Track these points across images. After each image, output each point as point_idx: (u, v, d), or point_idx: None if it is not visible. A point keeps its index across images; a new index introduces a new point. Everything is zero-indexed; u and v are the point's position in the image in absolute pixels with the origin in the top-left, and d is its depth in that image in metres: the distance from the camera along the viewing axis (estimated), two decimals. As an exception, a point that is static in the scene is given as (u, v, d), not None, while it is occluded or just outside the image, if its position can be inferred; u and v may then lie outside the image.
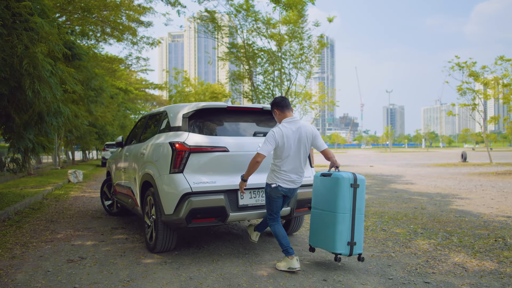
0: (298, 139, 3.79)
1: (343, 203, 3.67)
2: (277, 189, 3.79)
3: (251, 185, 4.18)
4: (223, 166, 4.12)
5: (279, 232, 3.84)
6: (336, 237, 3.69)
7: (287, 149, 3.74)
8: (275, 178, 3.81)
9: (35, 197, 8.61)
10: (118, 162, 6.29)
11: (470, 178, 13.98)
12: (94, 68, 16.58)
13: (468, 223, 5.88)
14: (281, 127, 3.77)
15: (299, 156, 3.82)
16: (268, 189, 3.84)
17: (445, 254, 4.25)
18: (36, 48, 5.77)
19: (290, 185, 3.83)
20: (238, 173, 4.15)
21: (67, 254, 4.37)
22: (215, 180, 4.04)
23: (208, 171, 4.05)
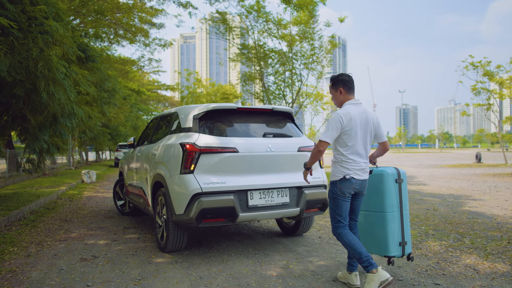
0: (366, 124, 3.30)
1: (391, 201, 3.45)
2: (351, 182, 3.22)
3: (261, 186, 4.20)
4: (232, 166, 4.15)
5: (353, 240, 3.21)
6: (388, 238, 3.44)
7: (354, 135, 3.23)
8: (345, 170, 3.24)
9: (50, 197, 8.77)
10: (130, 162, 6.38)
11: (484, 179, 13.77)
12: (107, 69, 16.81)
13: (480, 224, 5.81)
14: (348, 109, 3.25)
15: (365, 143, 3.32)
16: (338, 185, 3.25)
17: (456, 256, 4.21)
18: (51, 51, 5.90)
19: (362, 175, 3.27)
20: (247, 173, 4.18)
21: (81, 253, 4.45)
22: (224, 180, 4.07)
23: (218, 171, 4.09)
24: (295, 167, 4.48)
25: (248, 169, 4.21)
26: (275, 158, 4.38)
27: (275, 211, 4.29)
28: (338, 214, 3.29)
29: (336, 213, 3.30)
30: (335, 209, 3.31)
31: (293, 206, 4.38)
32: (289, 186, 4.40)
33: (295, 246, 4.74)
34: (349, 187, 3.23)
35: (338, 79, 3.38)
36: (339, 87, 3.36)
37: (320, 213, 4.71)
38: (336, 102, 3.44)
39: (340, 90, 3.35)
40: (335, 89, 3.39)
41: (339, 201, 3.27)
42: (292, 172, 4.46)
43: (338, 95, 3.38)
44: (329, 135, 3.17)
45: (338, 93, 3.37)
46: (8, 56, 5.69)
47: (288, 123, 4.90)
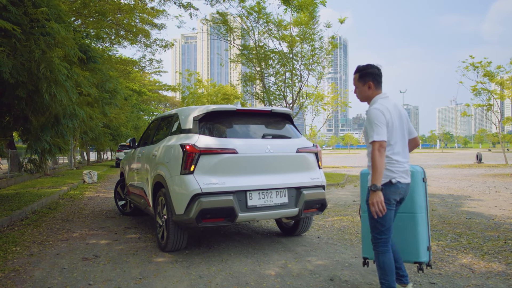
0: (401, 119, 2.94)
1: (419, 201, 3.17)
2: (397, 186, 2.82)
3: (260, 187, 4.26)
4: (232, 167, 4.21)
5: (388, 264, 2.84)
6: (419, 242, 3.15)
7: (395, 132, 2.86)
8: (390, 173, 2.82)
9: (52, 197, 8.85)
10: (131, 163, 6.45)
11: (484, 180, 13.81)
12: (108, 70, 16.86)
13: (478, 225, 5.86)
14: (384, 104, 2.87)
15: (404, 139, 2.96)
16: (384, 191, 2.78)
17: (453, 256, 4.26)
18: (53, 53, 5.97)
19: (407, 178, 2.90)
20: (246, 174, 4.24)
21: (82, 252, 4.52)
22: (224, 181, 4.13)
23: (217, 172, 4.15)
24: (294, 168, 4.55)
25: (247, 170, 4.27)
26: (274, 159, 4.44)
27: (274, 211, 4.35)
28: (381, 225, 2.83)
29: (379, 223, 2.83)
30: (378, 219, 2.81)
31: (292, 206, 4.44)
32: (288, 187, 4.46)
33: (294, 246, 4.80)
34: (395, 193, 2.83)
35: (368, 71, 2.97)
36: (368, 81, 2.97)
37: (318, 213, 4.76)
38: (361, 96, 3.03)
39: (369, 84, 2.96)
40: (363, 82, 2.98)
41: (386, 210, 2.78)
42: (291, 173, 4.53)
43: (365, 89, 2.98)
44: (381, 132, 2.72)
45: (366, 87, 2.98)
46: (11, 58, 5.76)
47: (287, 124, 4.96)
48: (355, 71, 3.06)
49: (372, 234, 2.90)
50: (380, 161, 2.68)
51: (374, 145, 2.70)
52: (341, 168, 22.62)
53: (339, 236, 5.32)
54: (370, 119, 2.80)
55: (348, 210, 7.40)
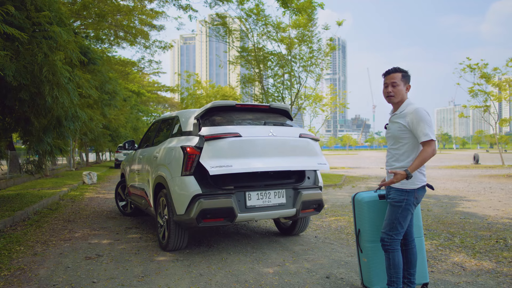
0: None
1: (421, 223, 3.28)
2: (425, 190, 2.98)
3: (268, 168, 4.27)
4: (237, 150, 4.22)
5: (401, 262, 2.96)
6: (425, 264, 3.25)
7: None
8: (423, 177, 2.93)
9: (52, 198, 8.95)
10: (132, 164, 6.56)
11: (480, 181, 13.96)
12: (108, 71, 16.98)
13: (472, 224, 5.99)
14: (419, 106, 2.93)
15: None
16: (416, 194, 2.90)
17: (445, 254, 4.39)
18: (55, 56, 6.08)
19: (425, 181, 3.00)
20: (253, 156, 4.26)
21: (85, 252, 4.63)
22: (231, 163, 4.12)
23: (223, 155, 4.15)
24: (299, 152, 4.60)
25: (253, 152, 4.27)
26: (278, 142, 4.46)
27: (272, 212, 4.47)
28: (402, 227, 2.92)
29: (401, 225, 2.91)
30: (401, 220, 2.89)
31: (289, 206, 4.57)
32: (286, 188, 4.59)
33: (292, 245, 4.92)
34: (423, 196, 2.98)
35: (408, 74, 3.05)
36: (408, 83, 3.03)
37: (315, 214, 4.89)
38: (399, 94, 3.00)
39: (408, 86, 3.03)
40: (405, 82, 3.02)
41: (410, 213, 2.91)
42: (297, 156, 4.56)
43: (403, 90, 3.01)
44: (433, 131, 2.83)
45: (405, 88, 3.02)
46: (14, 61, 5.86)
47: (286, 120, 5.08)
48: (395, 70, 3.04)
49: (389, 233, 2.94)
50: (430, 156, 2.81)
51: (431, 144, 2.79)
52: (339, 169, 22.76)
53: (335, 235, 5.45)
54: (419, 117, 2.83)
55: (345, 211, 7.53)
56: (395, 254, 2.93)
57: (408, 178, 2.81)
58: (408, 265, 3.07)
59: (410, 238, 3.10)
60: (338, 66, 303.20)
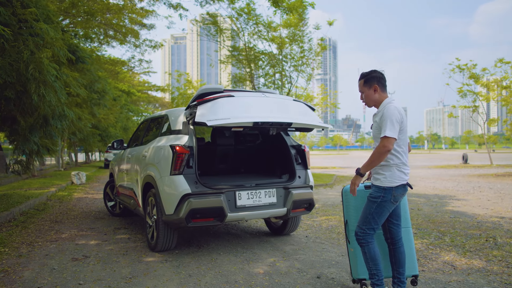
0: (405, 123, 2.95)
1: (408, 215, 3.32)
2: (406, 189, 2.96)
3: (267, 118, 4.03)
4: (232, 107, 4.04)
5: (378, 254, 2.98)
6: (414, 255, 3.26)
7: (405, 135, 2.94)
8: (403, 175, 2.91)
9: (39, 198, 8.79)
10: (120, 164, 6.47)
11: (469, 180, 14.09)
12: (97, 70, 16.78)
13: (462, 223, 6.02)
14: (396, 107, 2.88)
15: (407, 142, 3.02)
16: (394, 192, 2.88)
17: (436, 253, 4.39)
18: (42, 54, 5.96)
19: (407, 178, 2.97)
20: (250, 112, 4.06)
21: (72, 253, 4.54)
22: (228, 117, 3.91)
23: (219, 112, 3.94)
24: (296, 111, 4.40)
25: (249, 109, 4.11)
26: (273, 101, 4.36)
27: (263, 211, 4.43)
28: (376, 222, 2.94)
29: (375, 220, 2.93)
30: (375, 215, 2.92)
31: (280, 206, 4.52)
32: (276, 187, 4.55)
33: (282, 245, 4.88)
34: (403, 195, 2.94)
35: (372, 76, 3.02)
36: (373, 84, 3.00)
37: (306, 213, 4.86)
38: (369, 100, 3.05)
39: (375, 87, 3.00)
40: (369, 86, 3.01)
41: (386, 210, 2.91)
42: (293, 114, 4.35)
43: (372, 92, 3.01)
44: (395, 129, 2.76)
45: (372, 90, 3.01)
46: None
47: None
48: (360, 77, 3.11)
49: (362, 227, 2.98)
50: (379, 159, 2.78)
51: (387, 139, 2.75)
52: (330, 169, 22.82)
53: (326, 235, 5.42)
54: (386, 114, 2.81)
55: (336, 210, 7.51)
56: (370, 247, 2.96)
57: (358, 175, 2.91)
58: (397, 264, 3.07)
59: (397, 237, 3.10)
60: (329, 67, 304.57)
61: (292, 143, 5.10)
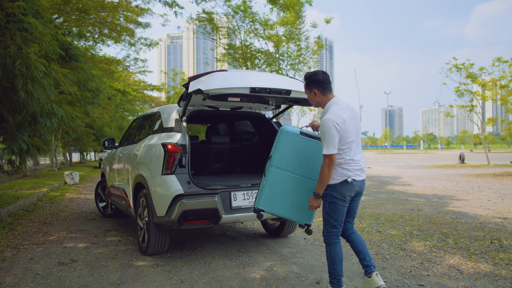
0: (354, 119, 3.04)
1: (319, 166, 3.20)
2: (352, 184, 2.99)
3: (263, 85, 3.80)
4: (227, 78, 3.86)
5: (340, 255, 3.06)
6: (313, 212, 3.29)
7: (350, 135, 2.99)
8: (346, 172, 2.98)
9: (30, 199, 8.55)
10: (112, 163, 6.24)
11: (467, 180, 13.95)
12: (91, 69, 16.49)
13: (464, 224, 5.84)
14: (336, 111, 2.96)
15: (358, 138, 3.09)
16: (339, 189, 2.97)
17: (440, 256, 4.20)
18: (29, 49, 5.72)
19: (361, 175, 3.05)
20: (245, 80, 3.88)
21: (58, 257, 4.31)
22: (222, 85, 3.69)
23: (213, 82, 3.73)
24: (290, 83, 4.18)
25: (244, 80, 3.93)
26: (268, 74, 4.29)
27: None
28: (334, 219, 3.02)
29: (332, 218, 3.02)
30: (331, 214, 3.02)
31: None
32: None
33: (280, 248, 4.68)
34: (350, 190, 3.00)
35: (312, 79, 3.10)
36: (313, 88, 3.09)
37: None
38: (312, 102, 3.18)
39: (315, 91, 3.08)
40: (309, 90, 3.13)
41: (338, 206, 3.00)
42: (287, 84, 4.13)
43: (313, 96, 3.11)
44: (332, 145, 2.87)
45: (312, 94, 3.11)
46: (-16, 54, 5.50)
47: None
48: (304, 79, 3.22)
49: (325, 227, 3.08)
50: (328, 175, 2.90)
51: (325, 159, 2.88)
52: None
53: (325, 237, 5.22)
54: (323, 130, 2.90)
55: (335, 211, 7.31)
56: (332, 247, 3.05)
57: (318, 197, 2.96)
58: (358, 255, 3.14)
59: (349, 231, 3.19)
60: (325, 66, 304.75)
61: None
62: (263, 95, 3.77)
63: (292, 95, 3.98)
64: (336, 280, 3.04)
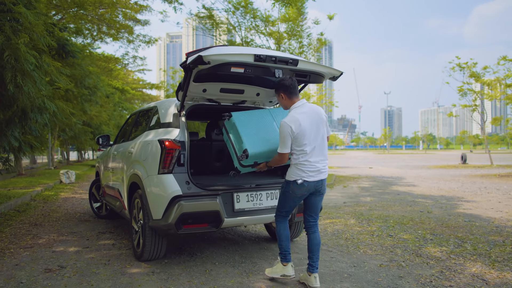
0: (315, 122, 3.26)
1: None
2: (303, 185, 3.21)
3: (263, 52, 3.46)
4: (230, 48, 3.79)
5: (284, 233, 3.39)
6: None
7: (307, 137, 3.19)
8: (300, 172, 3.21)
9: (22, 199, 8.21)
10: (106, 161, 5.91)
11: (473, 180, 13.64)
12: (88, 65, 16.12)
13: (479, 228, 5.52)
14: (294, 114, 3.22)
15: (317, 141, 3.26)
16: (291, 186, 3.24)
17: (460, 264, 3.88)
18: (19, 40, 5.39)
19: (316, 176, 3.23)
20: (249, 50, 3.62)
21: (46, 262, 3.98)
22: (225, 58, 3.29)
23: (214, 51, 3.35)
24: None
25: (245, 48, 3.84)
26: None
27: (264, 216, 3.89)
28: (283, 206, 3.39)
29: (281, 204, 3.40)
30: (282, 201, 3.39)
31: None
32: (280, 188, 4.01)
33: (285, 253, 4.34)
34: (301, 189, 3.23)
35: (280, 84, 3.38)
36: (280, 93, 3.39)
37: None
38: (281, 105, 3.50)
39: (282, 95, 3.38)
40: (278, 94, 3.42)
41: (288, 199, 3.32)
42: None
43: (281, 99, 3.42)
44: (285, 146, 3.22)
45: (280, 97, 3.41)
46: (-29, 44, 5.17)
47: None
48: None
49: (277, 208, 3.46)
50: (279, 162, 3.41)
51: (279, 155, 3.29)
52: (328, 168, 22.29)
53: (333, 241, 4.90)
54: (279, 132, 3.23)
55: (340, 212, 6.99)
56: (277, 225, 3.43)
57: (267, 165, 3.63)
58: (308, 253, 3.34)
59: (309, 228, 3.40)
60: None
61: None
62: (269, 64, 3.42)
63: (299, 66, 3.56)
64: (283, 254, 3.37)
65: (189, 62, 3.30)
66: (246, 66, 3.34)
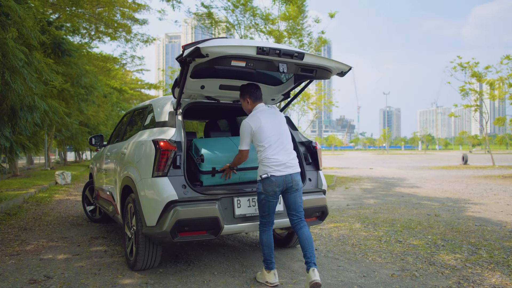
0: (276, 119, 3.46)
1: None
2: (271, 180, 3.24)
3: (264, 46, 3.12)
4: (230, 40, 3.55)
5: (266, 241, 3.36)
6: None
7: (268, 135, 3.33)
8: (266, 168, 3.29)
9: (14, 201, 7.91)
10: (100, 163, 5.63)
11: (477, 182, 13.38)
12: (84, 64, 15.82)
13: (492, 233, 5.25)
14: (254, 113, 3.44)
15: (280, 139, 3.38)
16: (262, 185, 3.28)
17: (477, 274, 3.61)
18: (7, 34, 5.10)
19: (283, 171, 3.27)
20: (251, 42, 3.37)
21: (32, 272, 3.69)
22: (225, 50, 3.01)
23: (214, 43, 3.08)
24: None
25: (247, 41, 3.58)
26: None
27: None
28: (262, 211, 3.35)
29: (261, 210, 3.36)
30: (260, 206, 3.36)
31: (287, 215, 3.71)
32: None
33: (289, 261, 4.07)
34: (271, 185, 3.24)
35: (245, 89, 3.51)
36: (246, 97, 3.51)
37: (318, 223, 4.04)
38: (245, 109, 3.58)
39: (247, 100, 3.50)
40: (243, 98, 3.53)
41: (263, 200, 3.29)
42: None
43: (245, 104, 3.53)
44: (244, 143, 3.38)
45: (245, 102, 3.52)
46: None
47: None
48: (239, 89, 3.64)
49: (259, 213, 3.42)
50: (237, 162, 3.57)
51: (239, 152, 3.44)
52: (328, 169, 22.05)
53: (339, 247, 4.62)
54: (240, 130, 3.38)
55: (344, 216, 6.71)
56: (261, 234, 3.39)
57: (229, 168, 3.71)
58: (302, 250, 3.26)
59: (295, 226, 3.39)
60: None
61: (301, 139, 4.29)
62: (272, 58, 3.12)
63: (306, 60, 3.25)
64: (266, 262, 3.35)
65: (185, 55, 3.03)
66: (247, 60, 3.05)
